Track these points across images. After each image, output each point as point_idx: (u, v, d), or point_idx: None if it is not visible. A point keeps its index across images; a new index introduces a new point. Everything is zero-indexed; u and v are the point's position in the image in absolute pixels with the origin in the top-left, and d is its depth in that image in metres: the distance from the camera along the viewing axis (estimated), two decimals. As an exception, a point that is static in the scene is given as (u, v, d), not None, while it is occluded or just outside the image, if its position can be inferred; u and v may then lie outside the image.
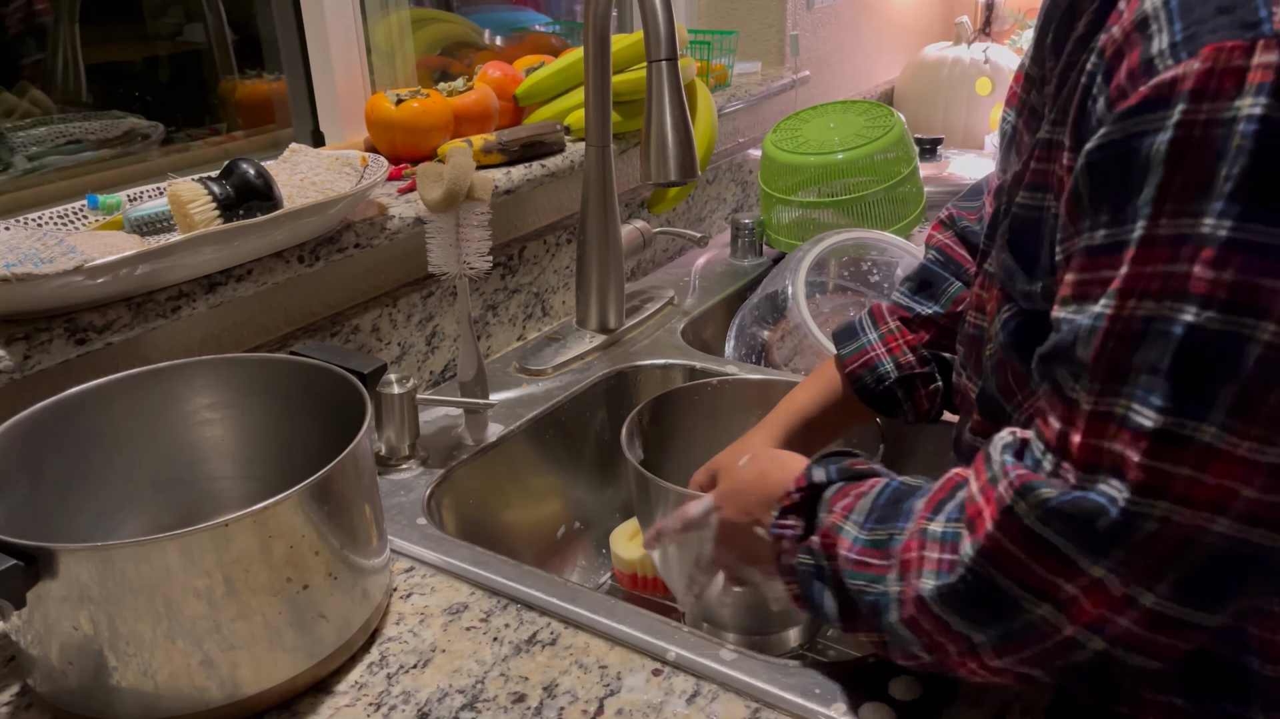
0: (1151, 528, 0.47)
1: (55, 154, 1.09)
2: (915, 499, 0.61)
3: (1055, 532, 0.50)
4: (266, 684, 0.68)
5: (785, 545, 0.68)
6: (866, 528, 0.61)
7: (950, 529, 0.56)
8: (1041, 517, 0.50)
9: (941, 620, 0.55)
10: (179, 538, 0.61)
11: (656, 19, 0.92)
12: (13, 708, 0.69)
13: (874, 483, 0.65)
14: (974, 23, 2.22)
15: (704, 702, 0.69)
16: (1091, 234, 0.50)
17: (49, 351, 0.78)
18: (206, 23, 1.27)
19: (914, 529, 0.58)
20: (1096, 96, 0.50)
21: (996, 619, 0.53)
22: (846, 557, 0.62)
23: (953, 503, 0.57)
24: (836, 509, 0.64)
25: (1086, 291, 0.50)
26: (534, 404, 1.11)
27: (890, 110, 1.55)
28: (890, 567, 0.59)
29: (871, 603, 0.60)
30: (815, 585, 0.65)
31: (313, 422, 0.79)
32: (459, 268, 0.98)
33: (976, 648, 0.55)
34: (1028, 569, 0.51)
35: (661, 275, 1.52)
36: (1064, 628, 0.51)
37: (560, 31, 1.71)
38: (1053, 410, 0.52)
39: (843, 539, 0.62)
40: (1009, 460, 0.53)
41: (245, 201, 0.91)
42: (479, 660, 0.73)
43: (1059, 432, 0.51)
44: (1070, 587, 0.50)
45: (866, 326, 0.89)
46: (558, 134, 1.24)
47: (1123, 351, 0.48)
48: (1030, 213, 0.61)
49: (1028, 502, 0.50)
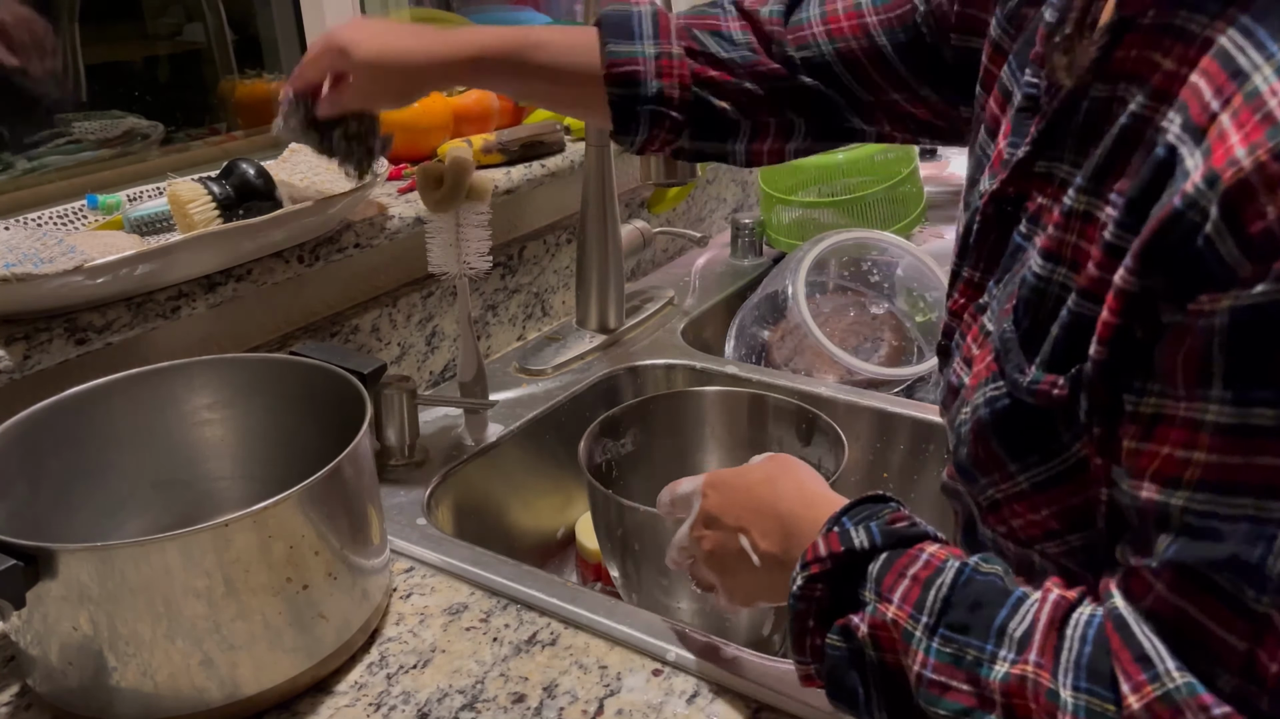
0: None
1: (55, 154, 1.09)
2: (1007, 616, 0.51)
3: None
4: (266, 684, 0.68)
5: (811, 623, 0.56)
6: (940, 634, 0.51)
7: (1090, 708, 0.46)
8: None
9: None
10: (179, 538, 0.61)
11: (656, 19, 0.92)
12: (13, 708, 0.69)
13: (932, 559, 0.54)
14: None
15: (704, 702, 0.69)
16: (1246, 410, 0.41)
17: (49, 352, 0.78)
18: (206, 23, 1.27)
19: (1027, 676, 0.49)
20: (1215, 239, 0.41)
21: None
22: (919, 673, 0.51)
23: (1070, 655, 0.48)
24: (894, 599, 0.53)
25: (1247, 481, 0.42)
26: (534, 404, 1.11)
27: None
28: (986, 703, 0.49)
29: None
30: (852, 674, 0.55)
31: (313, 422, 0.79)
32: (459, 268, 0.98)
33: None
34: None
35: (661, 275, 1.52)
36: None
37: (560, 31, 1.71)
38: (1218, 622, 0.43)
39: (913, 649, 0.52)
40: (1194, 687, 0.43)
41: (245, 201, 0.91)
42: (479, 661, 0.73)
43: (1242, 652, 0.42)
44: None
45: (645, 33, 0.78)
46: (558, 134, 1.25)
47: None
48: (1045, 286, 0.53)
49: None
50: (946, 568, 0.53)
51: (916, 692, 0.52)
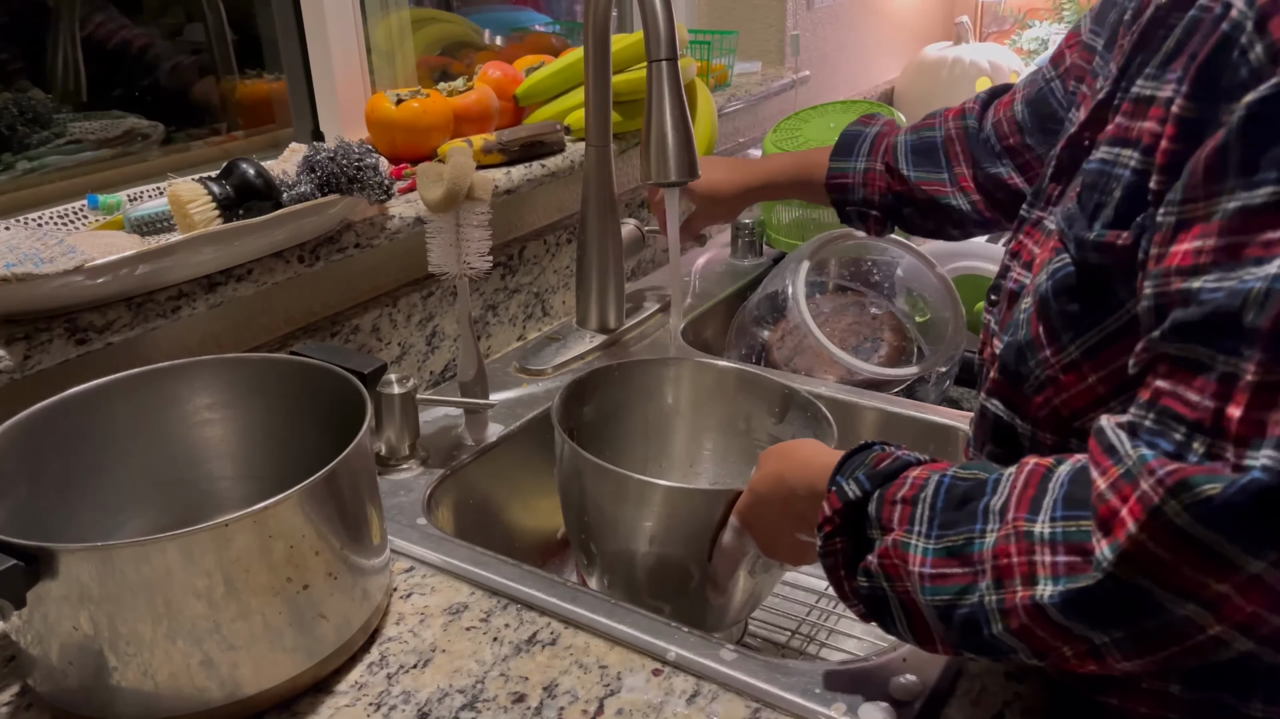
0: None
1: (55, 154, 1.09)
2: (991, 498, 0.56)
3: (1215, 529, 0.45)
4: (266, 684, 0.68)
5: (843, 573, 0.64)
6: (933, 536, 0.57)
7: (1064, 530, 0.51)
8: (1200, 516, 0.45)
9: (1063, 626, 0.51)
10: (179, 538, 0.61)
11: (656, 19, 0.92)
12: (13, 708, 0.69)
13: (916, 480, 0.60)
14: (974, 23, 2.22)
15: (704, 702, 0.69)
16: (1251, 192, 0.46)
17: (49, 352, 0.78)
18: (206, 23, 1.27)
19: (1008, 532, 0.53)
20: (1248, 46, 0.47)
21: (1128, 621, 0.49)
22: (920, 572, 0.57)
23: (1051, 499, 0.53)
24: (892, 524, 0.60)
25: (1240, 254, 0.46)
26: (534, 404, 1.11)
27: (890, 110, 1.55)
28: (978, 574, 0.54)
29: (966, 616, 0.55)
30: (881, 607, 0.61)
31: (313, 422, 0.79)
32: (459, 268, 0.98)
33: (1100, 649, 0.51)
34: (1176, 571, 0.47)
35: (661, 275, 1.52)
36: (1211, 627, 0.48)
37: (560, 31, 1.71)
38: (1193, 390, 0.48)
39: (911, 555, 0.58)
40: (1148, 454, 0.48)
41: (245, 201, 0.91)
42: (479, 660, 0.73)
43: (1212, 409, 0.46)
44: (1222, 585, 0.46)
45: (863, 152, 1.06)
46: (558, 134, 1.24)
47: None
48: (1106, 167, 0.58)
49: (1182, 500, 0.46)
50: (928, 483, 0.59)
51: (920, 592, 0.57)
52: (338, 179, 0.93)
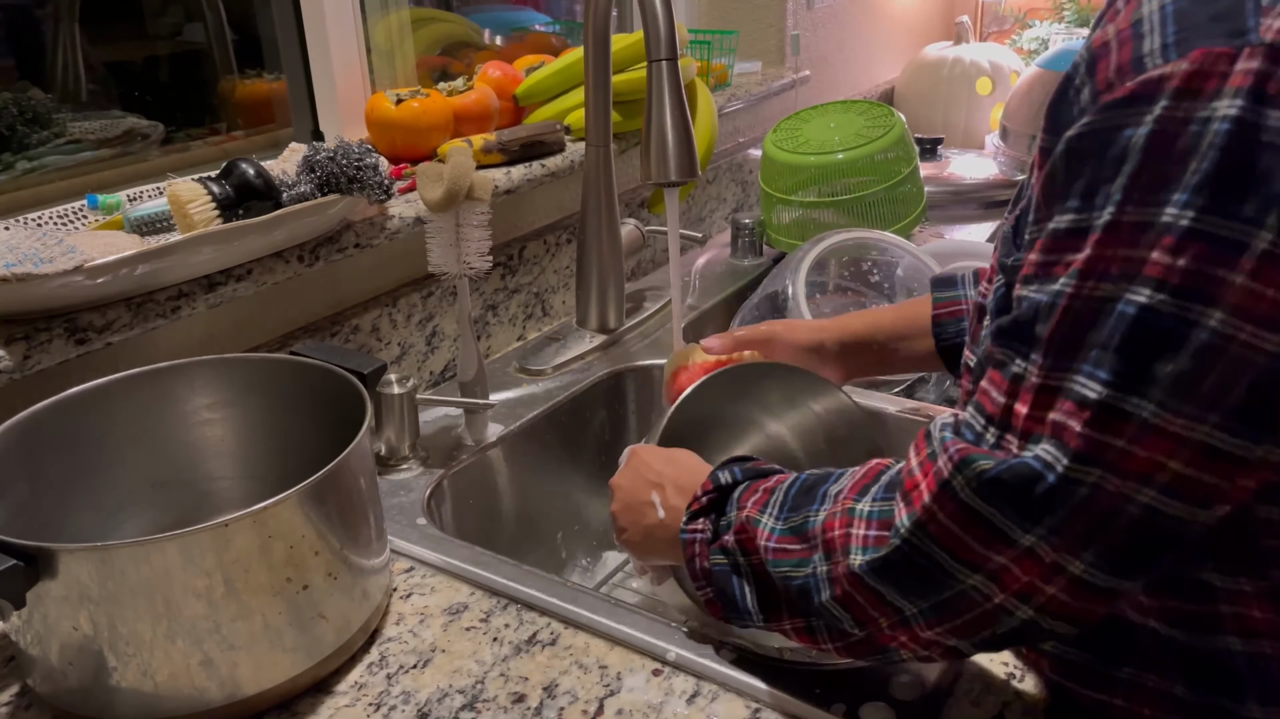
0: (1083, 494, 0.50)
1: (55, 154, 1.09)
2: (831, 484, 0.63)
3: (990, 503, 0.52)
4: (266, 684, 0.68)
5: (697, 549, 0.69)
6: (782, 517, 0.64)
7: (880, 507, 0.58)
8: (978, 489, 0.52)
9: (875, 592, 0.57)
10: (179, 538, 0.61)
11: (656, 19, 0.92)
12: (13, 708, 0.69)
13: (781, 477, 0.67)
14: (974, 23, 2.22)
15: (704, 702, 0.69)
16: (1060, 218, 0.52)
17: (49, 352, 0.78)
18: (206, 22, 1.27)
19: (836, 510, 0.60)
20: (1080, 87, 0.52)
21: (928, 590, 0.56)
22: (766, 546, 0.64)
23: (878, 485, 0.60)
24: (748, 505, 0.66)
25: (1049, 271, 0.52)
26: (534, 404, 1.11)
27: (890, 110, 1.55)
28: (813, 548, 0.61)
29: (799, 586, 0.61)
30: (733, 581, 0.66)
31: (313, 422, 0.79)
32: (459, 268, 0.98)
33: (908, 619, 0.57)
34: (961, 542, 0.53)
35: (661, 275, 1.52)
36: (995, 597, 0.54)
37: (560, 31, 1.71)
38: (995, 387, 0.54)
39: (760, 530, 0.64)
40: (948, 436, 0.55)
41: (245, 201, 0.91)
42: (479, 660, 0.73)
43: (1003, 405, 0.53)
44: (1001, 557, 0.53)
45: (968, 283, 0.95)
46: (558, 134, 1.24)
47: (1078, 329, 0.50)
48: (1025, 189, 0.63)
49: (964, 475, 0.52)
50: (790, 478, 0.66)
51: (766, 564, 0.63)
52: (338, 179, 0.93)
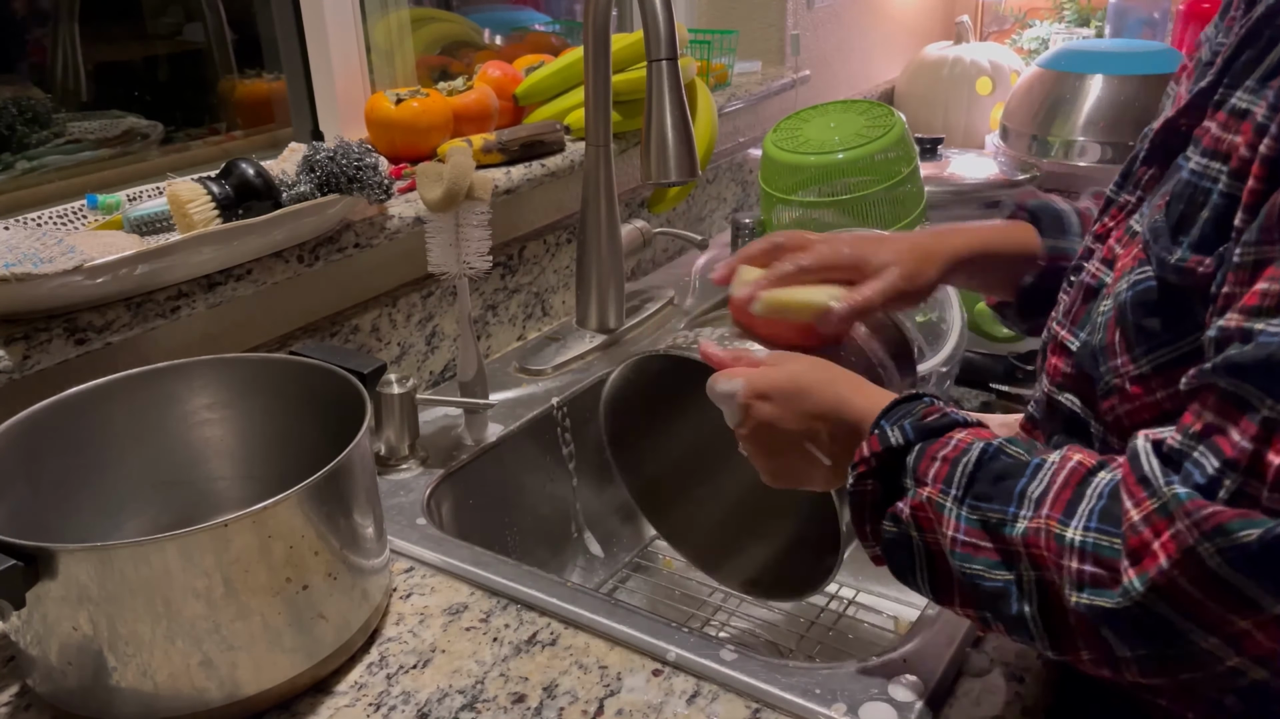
0: None
1: (55, 154, 1.09)
2: (1029, 483, 0.57)
3: (1245, 574, 0.47)
4: (266, 684, 0.68)
5: (867, 513, 0.64)
6: (968, 504, 0.58)
7: (1097, 542, 0.52)
8: (1231, 560, 0.47)
9: (1091, 626, 0.52)
10: (179, 538, 0.61)
11: (656, 19, 0.92)
12: (12, 708, 0.69)
13: (959, 442, 0.60)
14: (974, 23, 2.22)
15: (704, 702, 0.69)
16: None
17: (49, 352, 0.78)
18: (206, 22, 1.27)
19: (1040, 527, 0.54)
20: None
21: (1155, 643, 0.51)
22: (953, 537, 0.58)
23: (1088, 507, 0.54)
24: (928, 480, 0.60)
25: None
26: (534, 404, 1.11)
27: (890, 110, 1.55)
28: (1015, 555, 0.55)
29: (993, 590, 0.56)
30: (904, 555, 0.61)
31: (313, 422, 0.79)
32: (459, 268, 0.98)
33: (1119, 662, 0.52)
34: (1202, 608, 0.48)
35: (661, 275, 1.52)
36: (1229, 659, 0.49)
37: (560, 31, 1.71)
38: (1236, 427, 0.49)
39: (945, 518, 0.58)
40: (1183, 494, 0.49)
41: (245, 201, 0.91)
42: (479, 661, 0.73)
43: (1251, 451, 0.48)
44: (1244, 622, 0.48)
45: (1075, 229, 0.85)
46: (558, 134, 1.24)
47: None
48: (1199, 180, 0.57)
49: (1216, 544, 0.47)
50: (972, 448, 0.59)
51: (951, 554, 0.58)
52: (337, 179, 0.93)
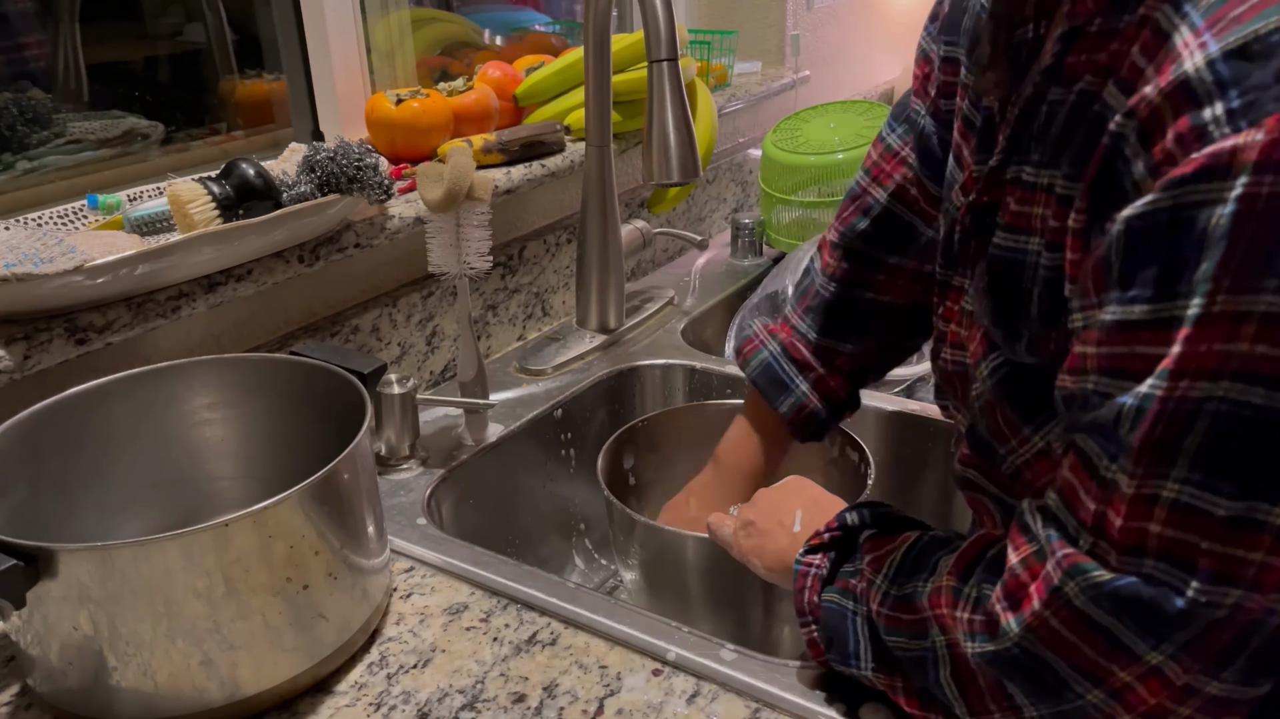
0: (1221, 615, 0.46)
1: (55, 154, 1.09)
2: (943, 554, 0.60)
3: (1109, 614, 0.48)
4: (266, 684, 0.68)
5: (809, 583, 0.67)
6: (896, 582, 0.62)
7: (979, 592, 0.55)
8: (1094, 599, 0.49)
9: (993, 680, 0.54)
10: (179, 538, 0.61)
11: (657, 19, 0.92)
12: (13, 708, 0.69)
13: (905, 537, 0.64)
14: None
15: (704, 702, 0.69)
16: (1128, 307, 0.47)
17: (49, 351, 0.78)
18: (206, 23, 1.27)
19: (941, 586, 0.58)
20: (1131, 160, 0.47)
21: (1047, 697, 0.52)
22: (880, 612, 0.62)
23: (981, 565, 0.57)
24: (866, 560, 0.65)
25: (1123, 367, 0.48)
26: (534, 404, 1.11)
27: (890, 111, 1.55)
28: (926, 622, 0.58)
29: (915, 659, 0.59)
30: (848, 623, 0.64)
31: (313, 422, 0.79)
32: (459, 268, 0.98)
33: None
34: (1077, 650, 0.50)
35: (661, 275, 1.52)
36: (1119, 716, 0.50)
37: (560, 31, 1.71)
38: (1083, 487, 0.50)
39: (874, 593, 0.63)
40: (1054, 537, 0.51)
41: (245, 201, 0.91)
42: (479, 660, 0.73)
43: (1095, 512, 0.49)
44: (1124, 674, 0.49)
45: (793, 374, 0.89)
46: (558, 134, 1.24)
47: (1174, 435, 0.46)
48: (1011, 255, 0.59)
49: (1078, 582, 0.49)
50: (914, 537, 0.64)
51: (878, 628, 0.62)
52: (338, 179, 0.93)
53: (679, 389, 1.22)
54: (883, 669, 0.63)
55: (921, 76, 0.79)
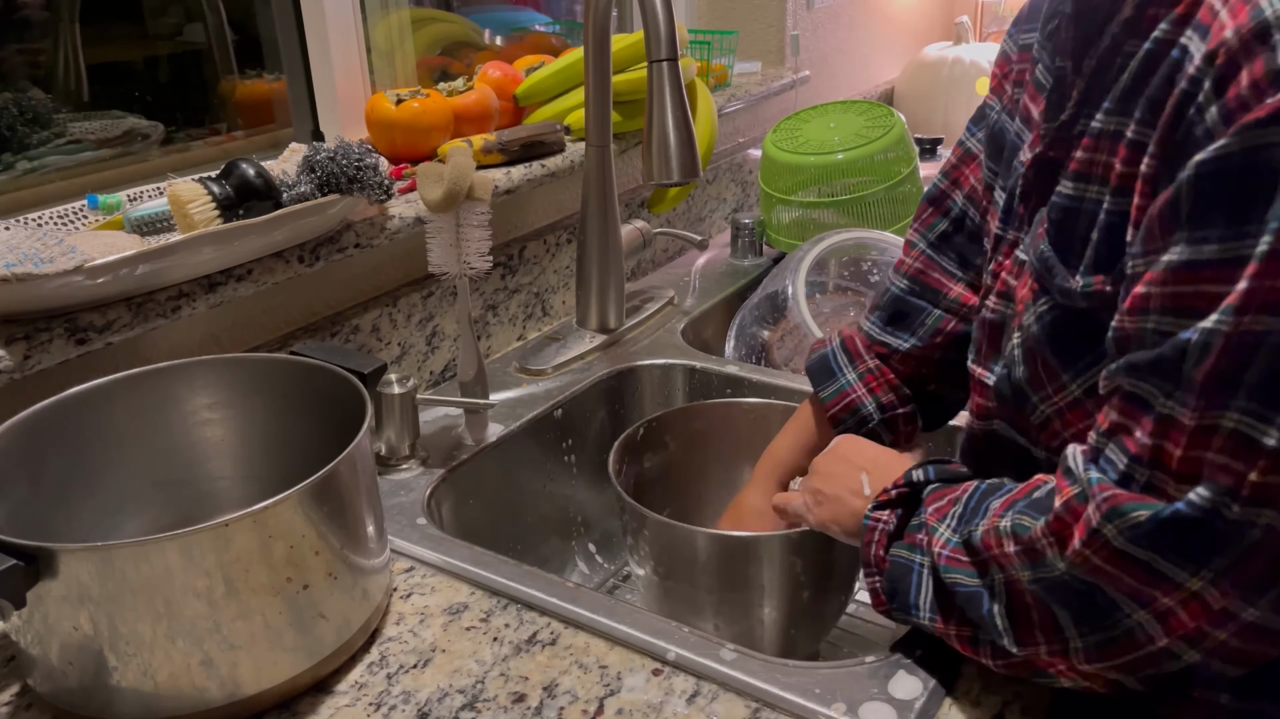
0: (1255, 537, 0.48)
1: (55, 154, 1.09)
2: (995, 498, 0.63)
3: (1145, 548, 0.50)
4: (266, 684, 0.68)
5: (876, 537, 0.69)
6: (957, 530, 0.64)
7: (1016, 523, 0.58)
8: (1132, 539, 0.51)
9: (1046, 609, 0.56)
10: (179, 538, 0.61)
11: (657, 19, 0.92)
12: (13, 708, 0.69)
13: (965, 487, 0.66)
14: (974, 23, 2.22)
15: (704, 702, 0.69)
16: (1197, 247, 0.48)
17: (49, 351, 0.78)
18: (206, 23, 1.27)
19: (990, 527, 0.60)
20: (1205, 106, 0.48)
21: (1095, 620, 0.55)
22: (941, 553, 0.64)
23: (1026, 501, 0.59)
24: (931, 510, 0.67)
25: (1189, 305, 0.49)
26: (534, 404, 1.11)
27: (890, 110, 1.55)
28: (985, 563, 0.61)
29: (969, 595, 0.62)
30: (912, 576, 0.67)
31: (313, 422, 0.79)
32: (459, 268, 0.98)
33: (1070, 651, 0.56)
34: (1120, 580, 0.52)
35: (661, 275, 1.52)
36: (1159, 639, 0.52)
37: (560, 31, 1.71)
38: (1139, 425, 0.52)
39: (937, 539, 0.65)
40: (1095, 478, 0.53)
41: (245, 201, 0.91)
42: (479, 660, 0.73)
43: (1152, 446, 0.51)
44: (1167, 599, 0.51)
45: (843, 364, 0.89)
46: (558, 134, 1.24)
47: (1236, 367, 0.47)
48: (1073, 203, 0.60)
49: (1115, 524, 0.51)
50: (973, 485, 0.66)
51: (938, 569, 0.64)
52: (338, 179, 0.93)
53: (679, 389, 1.23)
54: (939, 614, 0.65)
55: (1000, 75, 0.80)
